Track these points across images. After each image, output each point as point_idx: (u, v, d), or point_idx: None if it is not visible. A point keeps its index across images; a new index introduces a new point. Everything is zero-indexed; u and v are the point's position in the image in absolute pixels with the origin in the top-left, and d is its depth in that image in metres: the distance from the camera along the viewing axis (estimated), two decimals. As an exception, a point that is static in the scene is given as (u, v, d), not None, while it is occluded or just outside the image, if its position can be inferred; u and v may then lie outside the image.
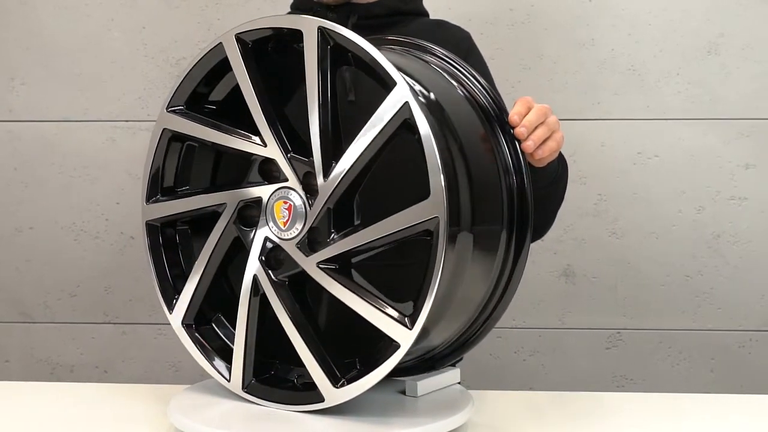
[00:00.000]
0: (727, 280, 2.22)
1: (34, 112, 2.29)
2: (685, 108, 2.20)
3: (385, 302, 1.03)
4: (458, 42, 1.57)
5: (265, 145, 1.11)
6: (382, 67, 1.00)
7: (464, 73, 1.20)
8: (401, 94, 0.99)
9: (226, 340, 1.23)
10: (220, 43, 1.17)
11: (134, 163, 2.28)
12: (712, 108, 2.19)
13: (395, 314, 1.02)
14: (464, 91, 1.18)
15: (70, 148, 2.29)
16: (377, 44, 1.06)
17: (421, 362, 1.21)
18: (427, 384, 1.19)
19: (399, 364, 1.04)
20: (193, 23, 2.26)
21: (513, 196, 1.14)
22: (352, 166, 1.03)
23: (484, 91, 1.19)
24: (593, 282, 2.25)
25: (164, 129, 1.23)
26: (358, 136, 1.02)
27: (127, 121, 2.28)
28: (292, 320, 1.08)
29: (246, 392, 1.16)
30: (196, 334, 1.22)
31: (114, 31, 2.27)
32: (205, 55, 1.19)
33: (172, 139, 1.23)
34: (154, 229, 1.26)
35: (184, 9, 2.26)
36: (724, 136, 2.19)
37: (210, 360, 1.20)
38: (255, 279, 1.13)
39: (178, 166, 1.26)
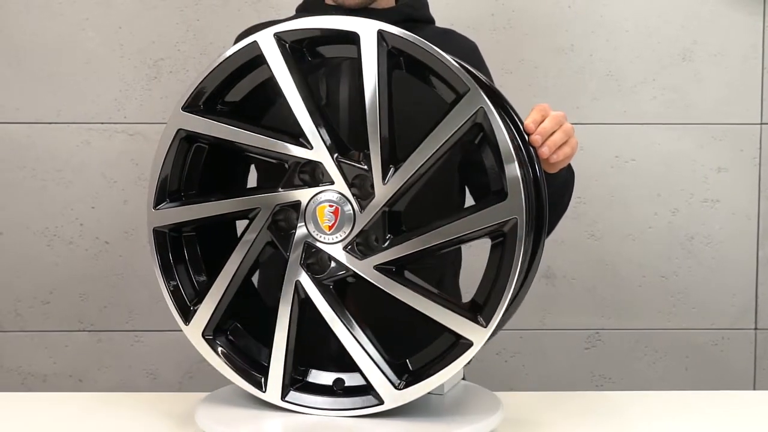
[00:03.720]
0: (700, 281, 2.28)
1: (4, 113, 2.21)
2: (661, 113, 2.25)
3: (451, 302, 1.04)
4: (467, 53, 1.58)
5: (311, 148, 1.09)
6: (453, 73, 1.01)
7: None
8: (476, 100, 1.00)
9: (245, 350, 1.20)
10: (250, 43, 1.13)
11: (110, 166, 2.23)
12: (686, 113, 2.25)
13: (468, 313, 1.03)
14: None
15: (43, 150, 2.22)
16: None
17: None
18: (449, 381, 1.19)
19: None
20: (171, 24, 2.22)
21: (531, 196, 1.17)
22: (418, 169, 1.03)
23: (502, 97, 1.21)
24: (572, 283, 2.29)
25: (179, 130, 1.18)
26: (426, 140, 1.02)
27: (102, 123, 2.23)
28: (345, 325, 1.07)
29: (286, 402, 1.13)
30: (220, 346, 1.18)
31: (89, 30, 2.21)
32: (235, 53, 1.15)
33: (183, 141, 1.19)
34: (161, 235, 1.21)
35: (161, 9, 2.22)
36: (698, 141, 2.25)
37: (239, 371, 1.17)
38: (297, 284, 1.11)
39: (185, 169, 1.22)
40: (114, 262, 2.25)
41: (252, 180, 1.53)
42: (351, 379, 1.14)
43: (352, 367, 1.15)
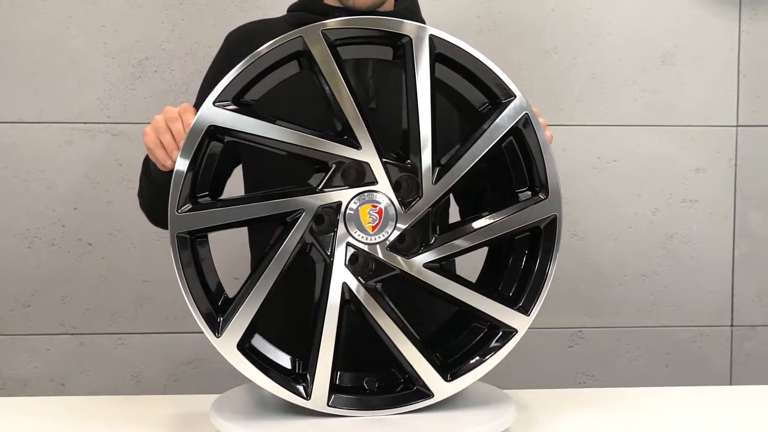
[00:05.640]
0: (679, 279, 2.34)
1: (-15, 112, 2.17)
2: (642, 115, 2.30)
3: (494, 293, 1.07)
4: None
5: (360, 148, 1.09)
6: (499, 79, 1.04)
7: None
8: (522, 106, 1.04)
9: (272, 359, 1.17)
10: (295, 37, 1.10)
11: (93, 166, 2.20)
12: (667, 115, 2.31)
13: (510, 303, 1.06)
14: None
15: (25, 150, 2.18)
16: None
17: None
18: None
19: None
20: (156, 23, 2.19)
21: None
22: (467, 170, 1.06)
23: None
24: (556, 282, 2.29)
25: (209, 126, 1.11)
26: (476, 143, 1.05)
27: (85, 123, 2.19)
28: (396, 323, 1.08)
29: (332, 407, 1.12)
30: (256, 357, 1.14)
31: (73, 29, 2.17)
32: (277, 46, 1.11)
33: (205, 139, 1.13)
34: (183, 242, 1.13)
35: (147, 8, 2.19)
36: (678, 142, 2.31)
37: (280, 382, 1.13)
38: (343, 287, 1.10)
39: (201, 169, 1.15)
40: (97, 264, 2.22)
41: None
42: (379, 379, 1.15)
43: (361, 366, 1.16)
